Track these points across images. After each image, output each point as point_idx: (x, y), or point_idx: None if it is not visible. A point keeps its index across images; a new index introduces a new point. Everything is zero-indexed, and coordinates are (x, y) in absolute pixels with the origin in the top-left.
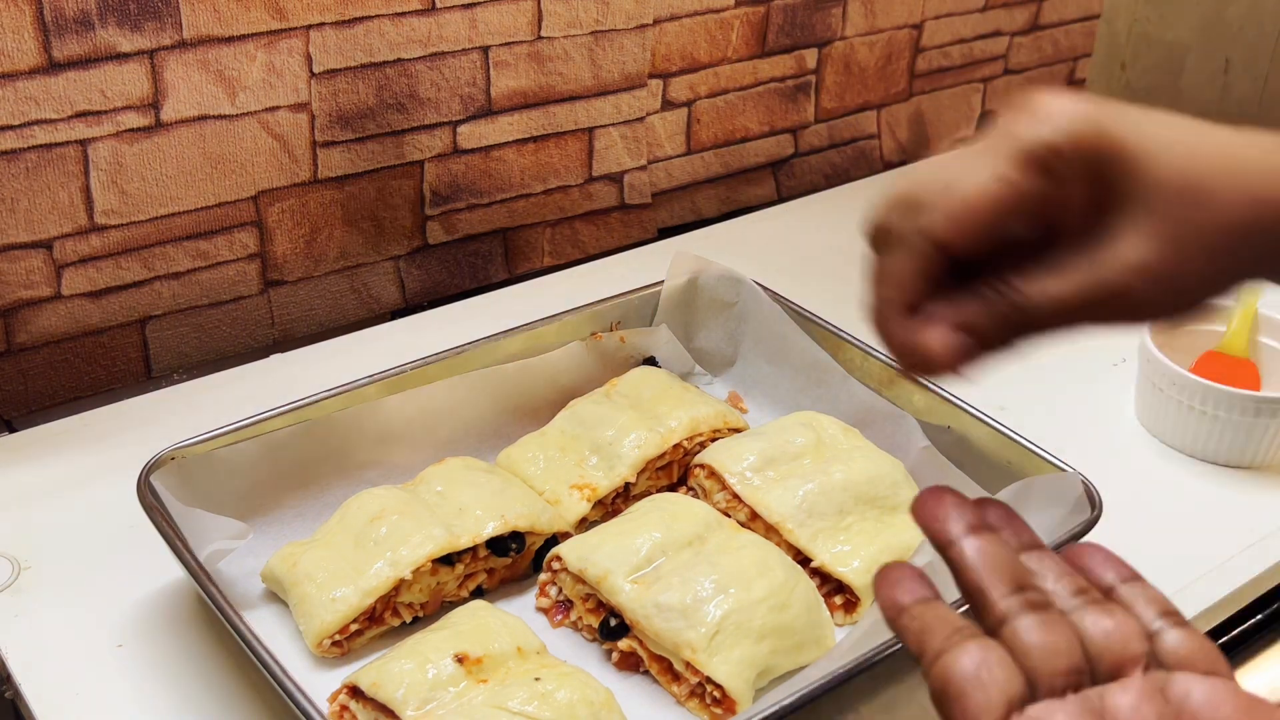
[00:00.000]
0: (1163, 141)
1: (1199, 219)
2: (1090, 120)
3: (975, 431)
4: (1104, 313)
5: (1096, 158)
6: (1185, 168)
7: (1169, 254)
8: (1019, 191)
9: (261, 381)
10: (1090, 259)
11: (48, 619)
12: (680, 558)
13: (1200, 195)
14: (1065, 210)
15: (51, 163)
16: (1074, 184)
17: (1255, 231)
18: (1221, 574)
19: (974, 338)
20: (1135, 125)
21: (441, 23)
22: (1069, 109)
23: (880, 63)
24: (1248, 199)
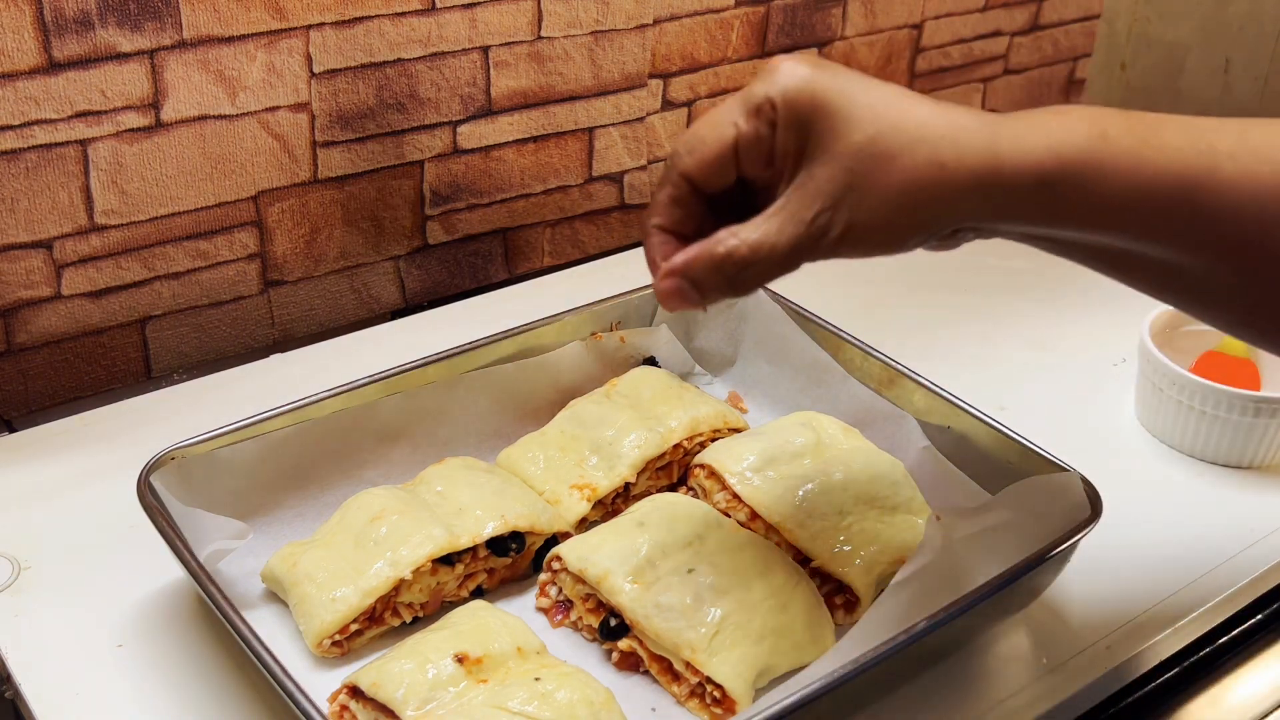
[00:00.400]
0: (861, 105)
1: (878, 172)
2: (804, 81)
3: (975, 431)
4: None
5: (802, 112)
6: (875, 130)
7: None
8: (741, 133)
9: (261, 381)
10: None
11: (48, 619)
12: (680, 558)
13: (880, 152)
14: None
15: (51, 163)
16: (784, 131)
17: (927, 183)
18: (1221, 574)
19: (695, 285)
20: (842, 90)
21: (441, 23)
22: (792, 71)
23: (880, 63)
24: (925, 161)
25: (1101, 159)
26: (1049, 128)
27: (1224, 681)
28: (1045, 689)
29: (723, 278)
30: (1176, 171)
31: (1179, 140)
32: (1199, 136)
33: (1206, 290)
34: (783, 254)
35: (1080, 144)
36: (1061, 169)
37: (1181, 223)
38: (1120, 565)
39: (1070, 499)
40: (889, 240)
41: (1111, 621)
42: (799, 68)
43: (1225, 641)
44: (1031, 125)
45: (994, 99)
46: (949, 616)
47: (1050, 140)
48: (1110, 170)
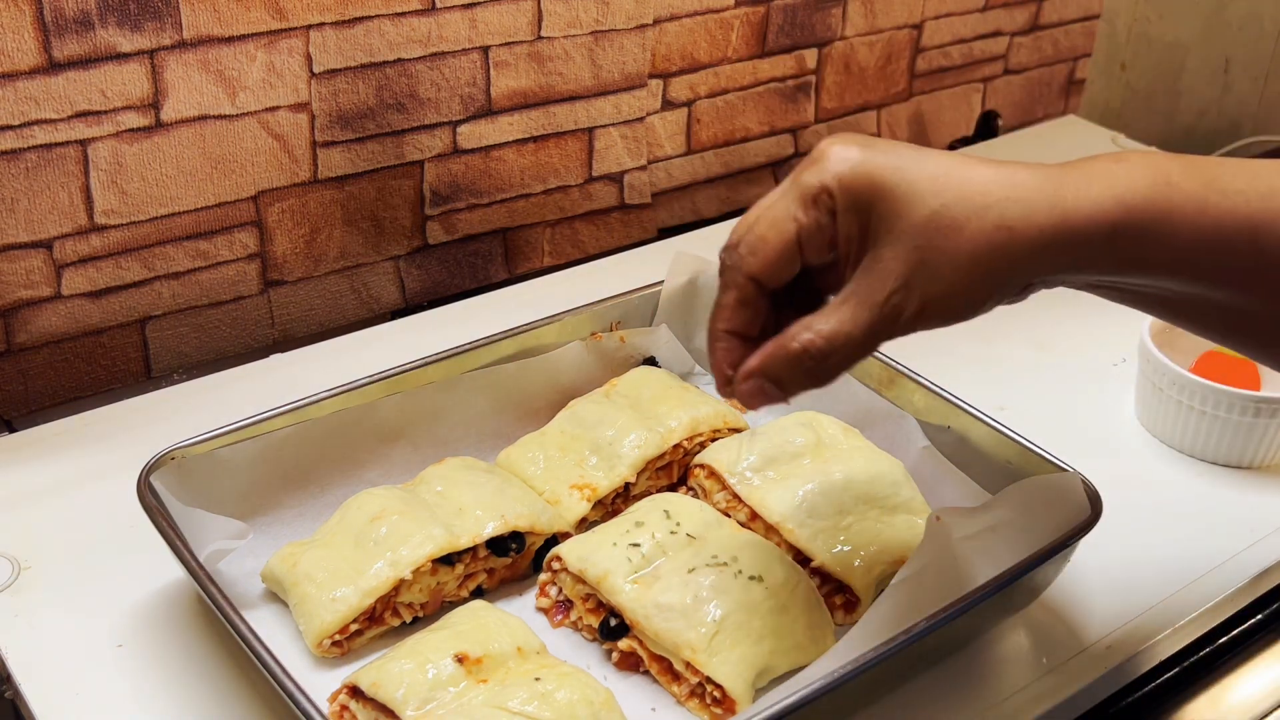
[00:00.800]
0: (920, 179)
1: (947, 244)
2: (857, 164)
3: (975, 431)
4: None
5: (860, 196)
6: (938, 203)
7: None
8: (802, 226)
9: (261, 381)
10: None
11: (48, 619)
12: (680, 558)
13: (946, 224)
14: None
15: (51, 163)
16: (844, 216)
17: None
18: (1221, 574)
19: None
20: (897, 167)
21: (441, 23)
22: (843, 155)
23: (880, 63)
24: (993, 227)
25: (1169, 206)
26: (1113, 176)
27: (1224, 681)
28: (1045, 689)
29: (802, 371)
30: (1242, 215)
31: (1240, 183)
32: (1261, 179)
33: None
34: (860, 340)
35: (1145, 191)
36: (1130, 218)
37: (1248, 266)
38: (1120, 565)
39: (1070, 499)
40: (966, 308)
41: (1111, 621)
42: (848, 150)
43: (1225, 641)
44: (1094, 175)
45: (994, 99)
46: (949, 616)
47: (1116, 190)
48: (1178, 217)
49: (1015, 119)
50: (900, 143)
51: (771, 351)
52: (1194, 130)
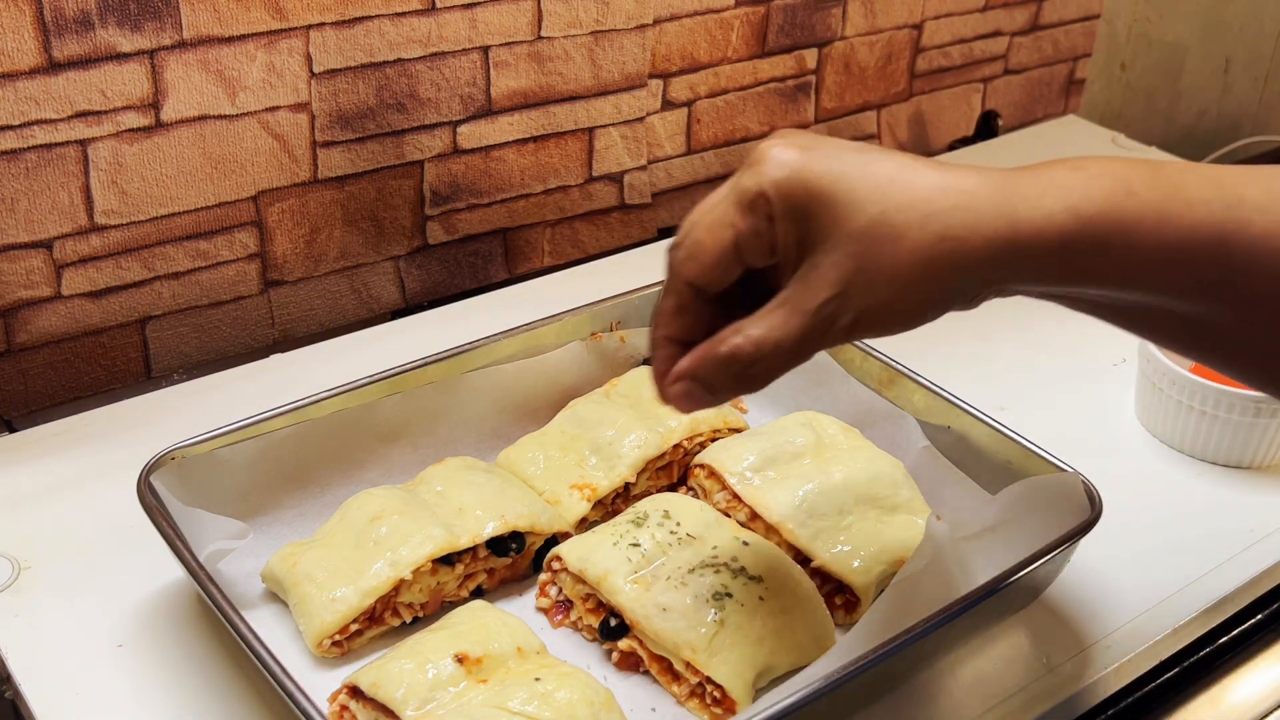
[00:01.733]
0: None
1: (886, 253)
2: (795, 168)
3: (975, 431)
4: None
5: (798, 201)
6: (879, 210)
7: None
8: (739, 232)
9: (261, 381)
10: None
11: (48, 619)
12: (680, 558)
13: (887, 233)
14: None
15: (51, 163)
16: (783, 223)
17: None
18: (1221, 574)
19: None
20: (838, 172)
21: (441, 23)
22: (780, 159)
23: (880, 63)
24: (935, 237)
25: (1126, 217)
26: (1068, 185)
27: (1224, 681)
28: (1045, 689)
29: (730, 376)
30: (1206, 227)
31: (1206, 193)
32: (1227, 188)
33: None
34: (790, 347)
35: (1102, 202)
36: (1084, 229)
37: (1212, 279)
38: (1120, 565)
39: (1070, 499)
40: (906, 319)
41: (1111, 621)
42: (787, 152)
43: (1225, 641)
44: (1049, 183)
45: (994, 99)
46: (949, 616)
47: (1070, 200)
48: (1136, 228)
49: (1015, 119)
50: (846, 143)
51: (701, 354)
52: (1194, 130)
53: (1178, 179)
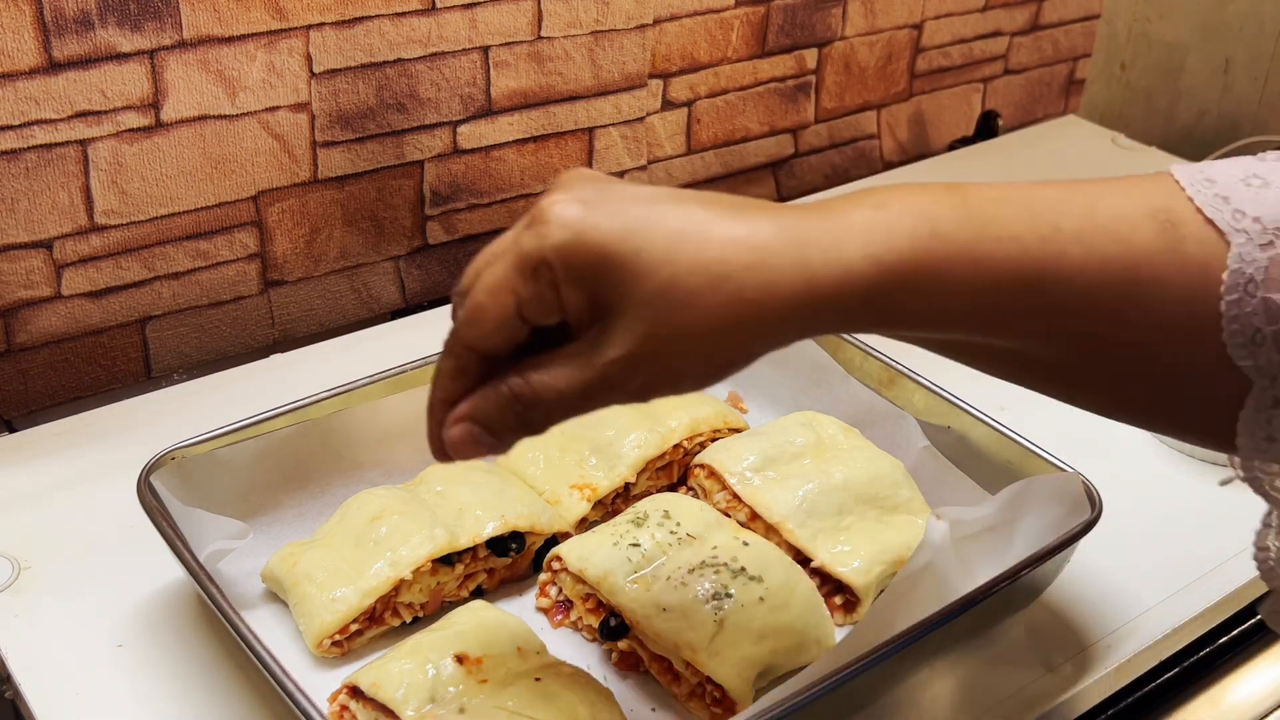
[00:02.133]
0: (648, 247)
1: (678, 319)
2: (578, 232)
3: (975, 431)
4: (601, 399)
5: (582, 268)
6: (668, 274)
7: (648, 349)
8: (521, 299)
9: (261, 381)
10: (585, 353)
11: (48, 619)
12: (680, 558)
13: (679, 298)
14: (568, 309)
15: (51, 163)
16: (568, 288)
17: (736, 322)
18: (1221, 574)
19: (485, 428)
20: (623, 233)
21: (441, 23)
22: (561, 220)
23: (880, 63)
24: (729, 300)
25: (933, 261)
26: (869, 228)
27: (1224, 681)
28: (1045, 689)
29: (512, 416)
30: (1018, 264)
31: (1019, 226)
32: (1042, 218)
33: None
34: (573, 399)
35: (905, 248)
36: (886, 278)
37: (1027, 315)
38: (1121, 565)
39: (1070, 499)
40: (703, 380)
41: (1111, 621)
42: (568, 210)
43: (1225, 641)
44: (847, 230)
45: (994, 99)
46: (949, 616)
47: (871, 248)
48: (945, 272)
49: (1015, 119)
50: (636, 192)
51: (482, 393)
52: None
53: (990, 212)
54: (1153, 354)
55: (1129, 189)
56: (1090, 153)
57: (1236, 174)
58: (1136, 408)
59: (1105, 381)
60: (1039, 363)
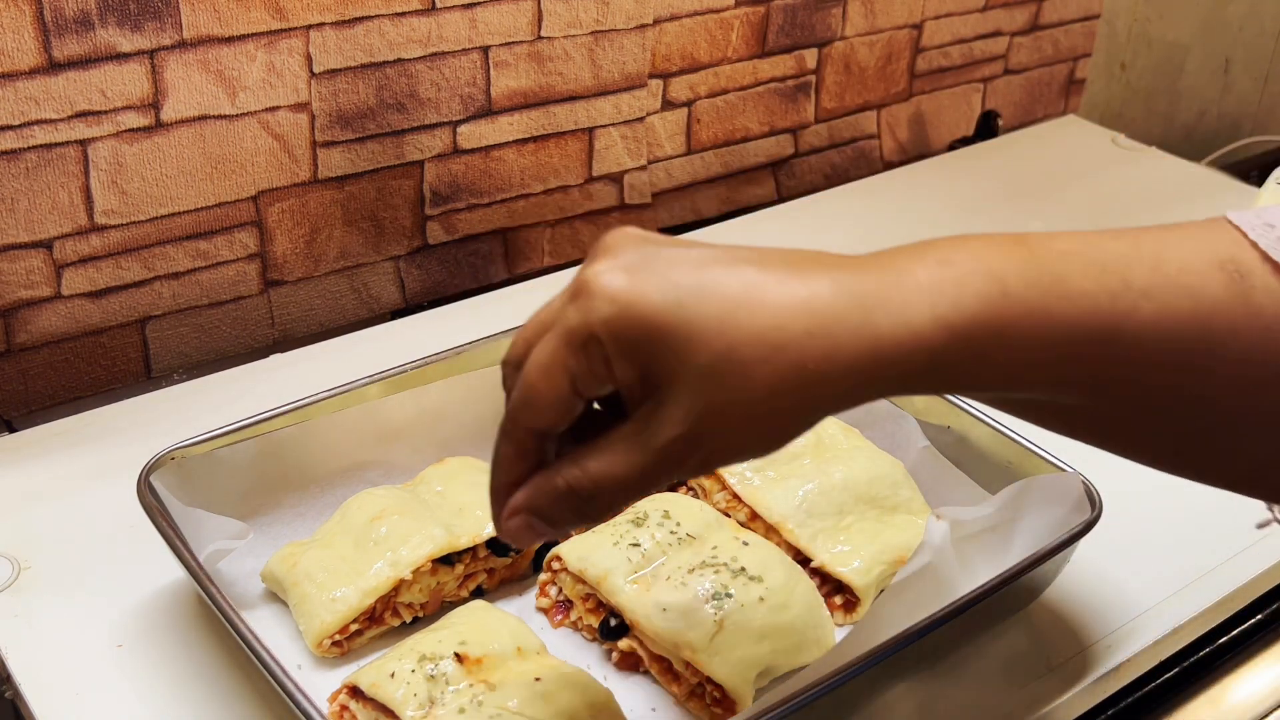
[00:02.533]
0: (701, 316)
1: (736, 393)
2: (626, 305)
3: (975, 431)
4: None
5: (633, 341)
6: (724, 345)
7: (707, 426)
8: (574, 375)
9: (261, 381)
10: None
11: (48, 619)
12: (680, 558)
13: (736, 370)
14: (621, 383)
15: (51, 163)
16: (619, 362)
17: (797, 391)
18: (1221, 574)
19: (542, 520)
20: (674, 304)
21: (441, 23)
22: (608, 293)
23: (880, 63)
24: (790, 369)
25: (1003, 322)
26: (935, 289)
27: (1224, 681)
28: (1045, 689)
29: (569, 509)
30: (1089, 322)
31: (1088, 283)
32: (1111, 273)
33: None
34: (633, 485)
35: (974, 308)
36: (956, 341)
37: (1097, 373)
38: (1120, 565)
39: (1070, 499)
40: (764, 449)
41: (1111, 621)
42: (614, 281)
43: (1225, 641)
44: (913, 291)
45: (994, 99)
46: (949, 616)
47: (939, 310)
48: (1014, 332)
49: (1015, 119)
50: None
51: (537, 485)
52: (1194, 130)
53: (1058, 268)
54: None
55: (1194, 238)
56: (1090, 153)
57: None
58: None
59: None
60: (1103, 419)
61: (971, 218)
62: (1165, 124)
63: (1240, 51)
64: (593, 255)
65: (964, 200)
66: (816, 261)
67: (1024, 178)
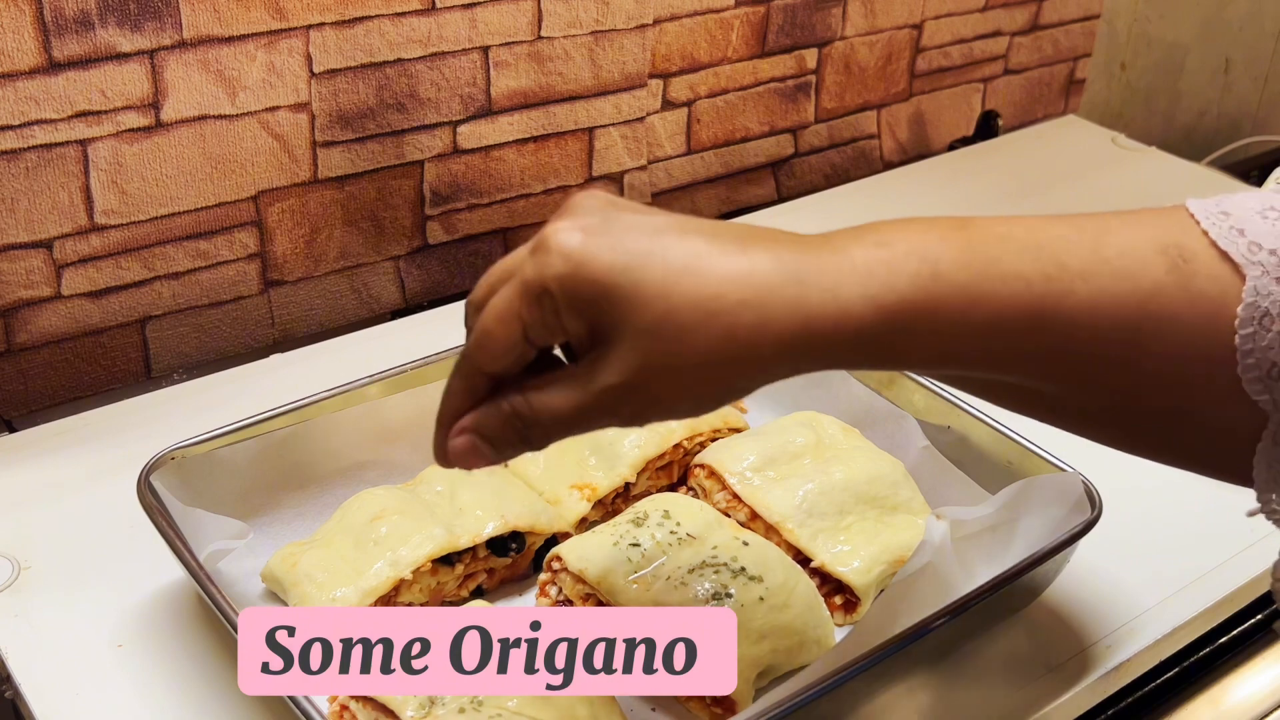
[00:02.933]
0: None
1: (671, 352)
2: (579, 263)
3: (975, 431)
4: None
5: (582, 297)
6: (665, 307)
7: (641, 379)
8: (527, 324)
9: (261, 381)
10: (581, 377)
11: (48, 619)
12: (680, 558)
13: (672, 332)
14: (570, 334)
15: (51, 163)
16: (568, 316)
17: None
18: (1221, 574)
19: (485, 440)
20: (624, 265)
21: (441, 23)
22: (563, 250)
23: (880, 63)
24: (722, 336)
25: (933, 303)
26: (868, 271)
27: (1224, 681)
28: (1045, 689)
29: (512, 431)
30: (1022, 304)
31: (1023, 264)
32: (1047, 255)
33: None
34: (567, 419)
35: (905, 289)
36: (885, 320)
37: (1033, 355)
38: (1120, 565)
39: (1070, 499)
40: (691, 411)
41: (1111, 621)
42: (570, 240)
43: (1225, 641)
44: (849, 268)
45: (994, 99)
46: (949, 616)
47: (870, 289)
48: (944, 313)
49: (1015, 119)
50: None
51: (484, 409)
52: (1194, 130)
53: (993, 250)
54: (1165, 391)
55: (1138, 223)
56: (1090, 153)
57: (1253, 206)
58: (1151, 444)
59: (1118, 418)
60: (1050, 399)
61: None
62: (1165, 124)
63: (1240, 51)
64: (559, 213)
65: (964, 200)
66: (764, 237)
67: (1024, 178)
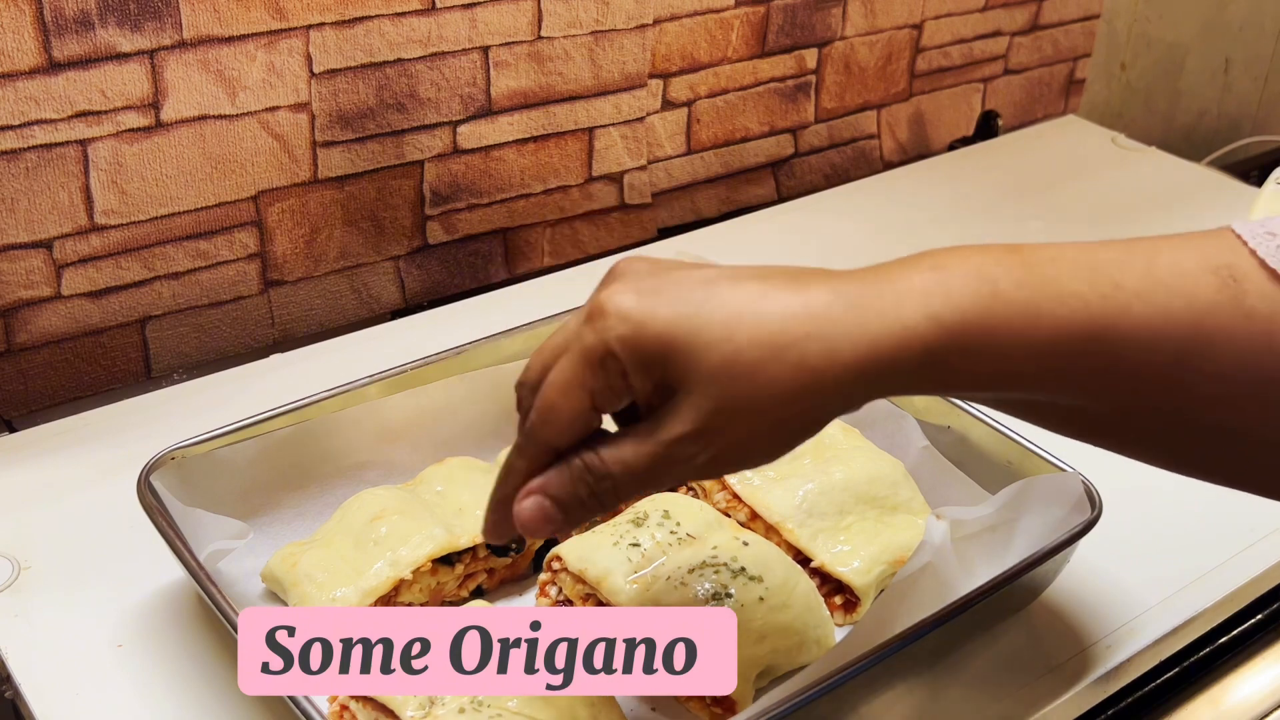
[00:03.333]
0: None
1: (742, 392)
2: (639, 322)
3: (975, 431)
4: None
5: (648, 354)
6: (730, 349)
7: (714, 423)
8: (593, 391)
9: (261, 381)
10: (653, 430)
11: (48, 619)
12: (680, 557)
13: (741, 371)
14: (637, 395)
15: (51, 163)
16: (635, 376)
17: (801, 391)
18: (1221, 574)
19: (555, 502)
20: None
21: (441, 23)
22: (620, 312)
23: (880, 63)
24: (792, 369)
25: (994, 321)
26: (928, 290)
27: (1224, 681)
28: (1045, 689)
29: (584, 487)
30: (1080, 322)
31: (1079, 284)
32: (1102, 275)
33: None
34: (640, 474)
35: (966, 307)
36: (947, 339)
37: (1089, 373)
38: (1120, 565)
39: (1070, 499)
40: (770, 452)
41: (1111, 621)
42: (625, 300)
43: (1225, 641)
44: (907, 290)
45: (994, 99)
46: (949, 616)
47: (931, 308)
48: (1004, 332)
49: (1015, 119)
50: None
51: (554, 470)
52: (1194, 130)
53: (1049, 270)
54: (1215, 408)
55: (1187, 245)
56: (1090, 153)
57: None
58: (1199, 463)
59: (1167, 437)
60: (1100, 419)
61: (971, 217)
62: (1165, 124)
63: (1240, 52)
64: (605, 281)
65: (964, 200)
66: (816, 273)
67: (1024, 178)
